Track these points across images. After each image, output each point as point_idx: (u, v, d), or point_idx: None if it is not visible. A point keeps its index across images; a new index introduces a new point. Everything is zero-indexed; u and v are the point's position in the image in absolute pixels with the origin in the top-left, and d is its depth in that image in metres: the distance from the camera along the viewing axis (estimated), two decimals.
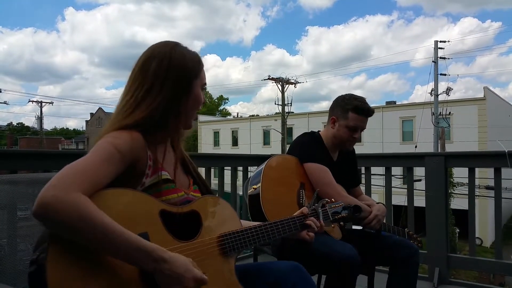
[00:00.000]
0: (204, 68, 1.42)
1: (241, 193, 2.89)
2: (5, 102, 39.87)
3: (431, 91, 22.16)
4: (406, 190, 3.83)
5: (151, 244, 1.07)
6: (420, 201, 3.67)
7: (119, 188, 1.15)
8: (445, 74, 23.16)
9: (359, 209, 1.77)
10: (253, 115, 48.31)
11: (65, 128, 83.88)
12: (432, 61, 22.53)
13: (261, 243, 1.44)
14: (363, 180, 3.75)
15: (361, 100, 2.30)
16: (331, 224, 1.73)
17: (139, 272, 1.10)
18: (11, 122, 73.64)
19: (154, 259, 1.05)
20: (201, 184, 1.52)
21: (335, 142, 2.35)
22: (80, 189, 1.02)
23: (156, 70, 1.31)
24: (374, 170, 4.09)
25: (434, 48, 22.65)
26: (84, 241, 1.02)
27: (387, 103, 32.19)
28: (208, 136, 37.39)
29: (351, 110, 2.26)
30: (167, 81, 1.30)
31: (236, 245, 1.35)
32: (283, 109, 27.30)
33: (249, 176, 2.36)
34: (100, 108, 51.46)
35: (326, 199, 1.75)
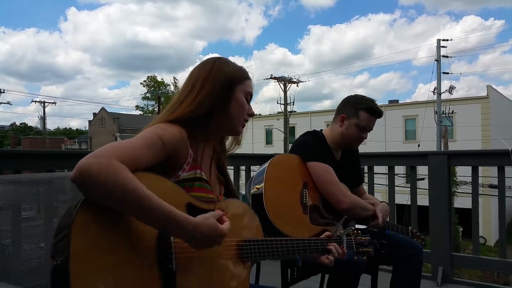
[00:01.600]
0: (250, 82, 1.49)
1: (244, 192, 2.89)
2: (8, 103, 39.82)
3: (434, 89, 22.10)
4: (409, 189, 3.83)
5: (185, 215, 1.11)
6: (423, 200, 3.66)
7: (152, 173, 1.18)
8: (447, 73, 23.10)
9: (386, 246, 1.76)
10: (255, 114, 48.26)
11: (68, 128, 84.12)
12: (435, 60, 22.47)
13: (279, 257, 1.46)
14: (366, 179, 3.75)
15: (373, 101, 2.32)
16: (354, 256, 1.72)
17: (157, 239, 1.14)
18: (14, 122, 73.85)
19: (188, 229, 1.10)
20: (233, 196, 1.56)
21: (341, 141, 2.33)
22: (119, 159, 1.06)
23: (199, 73, 1.41)
24: (377, 169, 4.09)
25: (437, 46, 22.59)
26: (120, 205, 1.05)
27: (390, 101, 32.16)
28: None
29: (363, 110, 2.27)
30: (208, 81, 1.37)
31: (254, 253, 1.37)
32: (285, 108, 27.28)
33: (251, 176, 2.36)
34: (103, 108, 51.43)
35: (352, 228, 1.74)
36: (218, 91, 1.37)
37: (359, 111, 2.27)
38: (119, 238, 1.07)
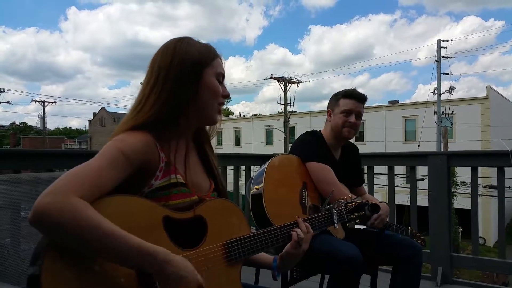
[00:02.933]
0: (220, 60, 1.33)
1: (244, 192, 2.89)
2: (8, 102, 39.93)
3: (434, 90, 22.11)
4: (409, 189, 3.83)
5: (154, 246, 1.02)
6: (423, 200, 3.66)
7: (120, 195, 1.10)
8: (447, 73, 23.11)
9: (377, 208, 1.74)
10: (255, 115, 48.28)
11: (68, 127, 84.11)
12: (435, 60, 22.48)
13: (266, 249, 1.39)
14: (366, 180, 3.75)
15: (352, 88, 2.40)
16: (346, 224, 1.70)
17: (137, 279, 1.07)
18: (14, 122, 73.86)
19: (158, 262, 1.01)
20: (222, 190, 1.44)
21: (333, 134, 2.36)
22: (78, 194, 0.98)
23: (160, 63, 1.25)
24: (377, 169, 4.09)
25: (437, 47, 22.60)
26: (82, 247, 0.98)
27: (390, 102, 32.15)
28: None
29: (342, 97, 2.36)
30: (171, 71, 1.23)
31: (243, 252, 1.30)
32: (285, 108, 27.29)
33: (251, 176, 2.35)
34: (103, 108, 51.46)
35: (341, 200, 1.70)
36: (186, 81, 1.23)
37: (339, 100, 2.35)
38: (95, 275, 1.01)
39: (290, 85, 27.62)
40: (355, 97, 2.34)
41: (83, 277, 1.00)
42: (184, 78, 1.24)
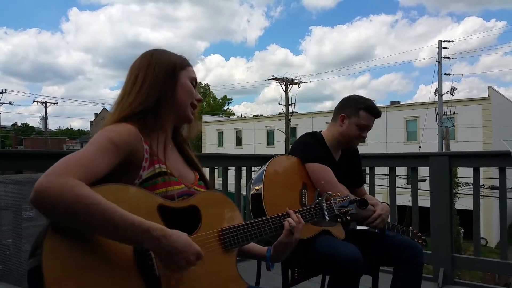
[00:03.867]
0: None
1: (245, 193, 2.89)
2: (10, 103, 39.85)
3: (435, 90, 22.11)
4: (410, 190, 3.82)
5: (150, 222, 1.07)
6: (424, 201, 3.66)
7: (115, 184, 1.15)
8: (449, 74, 23.09)
9: (365, 203, 1.74)
10: (256, 115, 48.25)
11: (69, 128, 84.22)
12: (436, 61, 22.47)
13: (261, 237, 1.43)
14: (367, 180, 3.75)
15: (372, 101, 2.35)
16: (336, 219, 1.70)
17: (134, 260, 1.11)
18: (16, 123, 74.01)
19: (155, 236, 1.05)
20: (206, 180, 1.52)
21: (342, 139, 2.34)
22: (74, 176, 1.04)
23: (139, 65, 1.38)
24: (378, 170, 4.08)
25: (438, 47, 22.59)
26: (80, 224, 1.02)
27: (391, 103, 32.15)
28: (212, 136, 37.42)
29: (364, 109, 2.29)
30: (150, 70, 1.35)
31: (237, 239, 1.35)
32: (286, 109, 27.28)
33: (253, 176, 2.36)
34: (104, 109, 51.55)
35: (330, 193, 1.72)
36: (162, 79, 1.35)
37: (360, 110, 2.28)
38: (94, 258, 1.05)
39: (291, 85, 27.62)
40: (376, 114, 2.33)
41: (82, 258, 1.03)
42: (161, 76, 1.36)
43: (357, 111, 2.29)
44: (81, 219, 1.01)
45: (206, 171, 3.51)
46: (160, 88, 1.34)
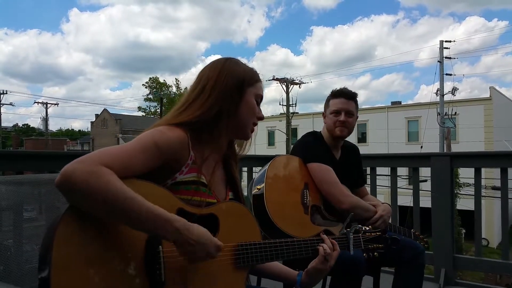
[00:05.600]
0: (261, 84, 1.45)
1: (246, 193, 2.88)
2: (10, 104, 39.90)
3: (437, 91, 22.08)
4: (411, 190, 3.82)
5: (173, 215, 1.09)
6: (426, 201, 3.65)
7: (142, 180, 1.15)
8: (450, 74, 23.09)
9: (397, 242, 1.67)
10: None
11: (70, 129, 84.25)
12: (438, 61, 22.45)
13: (276, 259, 1.38)
14: (368, 181, 3.74)
15: (340, 88, 2.41)
16: (363, 254, 1.62)
17: (144, 262, 1.11)
18: (17, 124, 74.05)
19: (177, 228, 1.07)
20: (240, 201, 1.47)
21: (328, 134, 2.38)
22: (107, 165, 1.05)
23: (209, 74, 1.36)
24: (379, 170, 4.08)
25: (440, 48, 22.57)
26: (103, 209, 1.02)
27: (393, 103, 32.11)
28: None
29: (330, 98, 2.40)
30: (218, 83, 1.33)
31: (251, 257, 1.30)
32: (287, 109, 27.28)
33: (253, 177, 2.36)
34: (105, 109, 51.55)
35: (359, 225, 1.64)
36: (229, 94, 1.33)
37: (329, 100, 2.40)
38: (104, 250, 1.05)
39: (292, 86, 27.62)
40: (342, 95, 2.35)
41: (92, 250, 1.03)
42: (228, 91, 1.33)
43: (328, 101, 2.40)
44: (102, 205, 1.01)
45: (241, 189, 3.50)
46: (224, 103, 1.32)
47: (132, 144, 1.17)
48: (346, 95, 2.34)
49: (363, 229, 1.63)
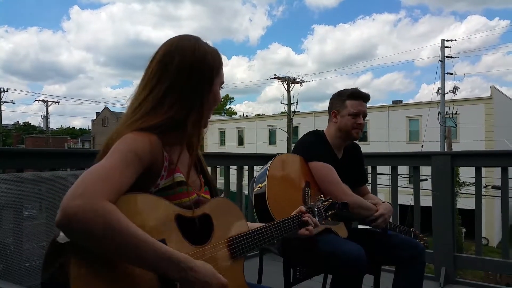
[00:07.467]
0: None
1: (246, 192, 2.88)
2: (11, 101, 39.96)
3: (438, 90, 22.05)
4: (412, 189, 3.82)
5: (178, 253, 1.06)
6: (426, 200, 3.65)
7: (137, 193, 1.12)
8: (451, 73, 23.05)
9: (346, 206, 1.78)
10: (258, 114, 48.27)
11: (71, 127, 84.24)
12: (439, 60, 22.41)
13: (267, 244, 1.46)
14: (369, 180, 3.74)
15: (355, 88, 2.39)
16: (322, 221, 1.72)
17: (158, 283, 1.09)
18: (17, 121, 74.23)
19: (182, 268, 1.05)
20: (210, 184, 1.49)
21: (341, 135, 2.35)
22: (106, 197, 0.99)
23: (179, 66, 1.23)
24: (380, 169, 4.08)
25: (441, 47, 22.53)
26: (110, 249, 0.98)
27: (394, 102, 32.09)
28: (213, 135, 37.40)
29: (348, 98, 2.34)
30: (190, 79, 1.24)
31: (244, 247, 1.36)
32: (289, 108, 27.28)
33: (254, 175, 2.35)
34: (106, 107, 51.62)
35: (318, 197, 1.78)
36: (201, 90, 1.26)
37: (346, 101, 2.34)
38: (119, 284, 1.03)
39: (293, 84, 27.61)
40: (361, 97, 2.34)
41: (108, 282, 1.02)
42: (200, 88, 1.26)
43: (344, 102, 2.34)
44: (108, 246, 0.97)
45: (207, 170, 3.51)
46: (195, 103, 1.25)
47: (114, 161, 1.09)
48: (365, 98, 2.35)
49: (321, 199, 1.78)
